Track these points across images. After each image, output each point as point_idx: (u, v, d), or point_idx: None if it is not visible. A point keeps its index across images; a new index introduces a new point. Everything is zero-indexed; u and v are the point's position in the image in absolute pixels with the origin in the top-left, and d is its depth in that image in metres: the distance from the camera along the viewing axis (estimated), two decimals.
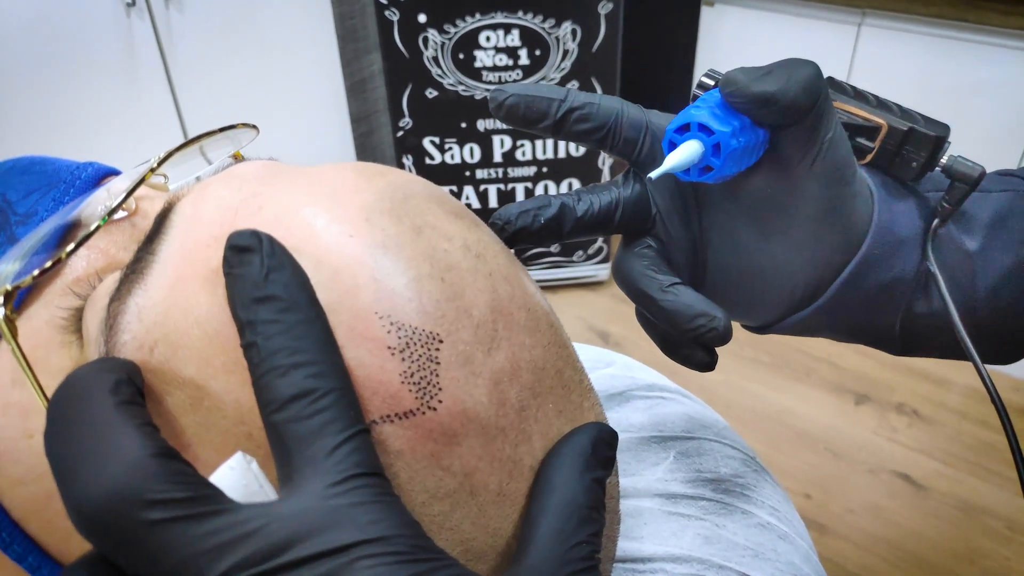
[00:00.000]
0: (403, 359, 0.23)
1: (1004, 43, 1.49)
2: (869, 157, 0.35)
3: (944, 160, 0.35)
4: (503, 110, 0.33)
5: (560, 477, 0.25)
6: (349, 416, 0.20)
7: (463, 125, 1.77)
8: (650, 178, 0.31)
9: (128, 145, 1.51)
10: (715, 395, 1.66)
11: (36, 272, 0.24)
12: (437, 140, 1.80)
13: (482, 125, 1.78)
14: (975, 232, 0.35)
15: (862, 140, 0.35)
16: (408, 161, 1.82)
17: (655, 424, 0.48)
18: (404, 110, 1.76)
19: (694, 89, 0.36)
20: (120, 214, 0.27)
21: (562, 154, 1.81)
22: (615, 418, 0.49)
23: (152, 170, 0.26)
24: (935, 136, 0.34)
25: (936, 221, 0.34)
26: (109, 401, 0.20)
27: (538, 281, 1.99)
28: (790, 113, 0.30)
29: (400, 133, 1.79)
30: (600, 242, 1.96)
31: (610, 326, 1.86)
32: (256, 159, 0.30)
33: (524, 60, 1.68)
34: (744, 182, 0.33)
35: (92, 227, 0.25)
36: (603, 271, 1.97)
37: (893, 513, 1.47)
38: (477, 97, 1.73)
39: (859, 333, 0.37)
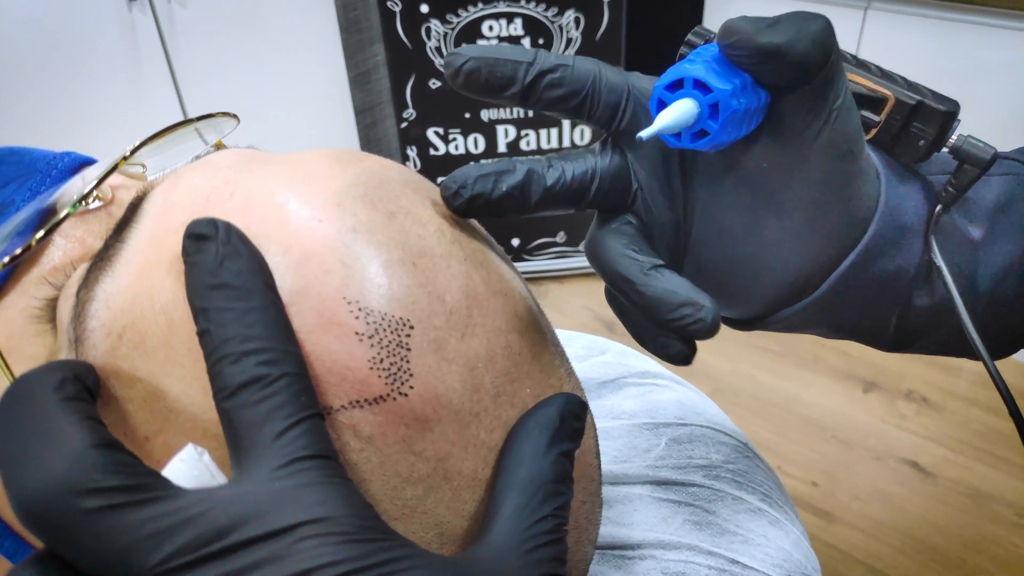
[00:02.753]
0: (371, 345, 0.23)
1: (1012, 25, 1.47)
2: (873, 132, 0.32)
3: (953, 140, 0.31)
4: (461, 76, 0.28)
5: (525, 451, 0.24)
6: (300, 402, 0.20)
7: (467, 115, 1.77)
8: (633, 147, 0.28)
9: (132, 140, 1.51)
10: (722, 383, 1.66)
11: (6, 259, 0.24)
12: (441, 131, 1.80)
13: (486, 115, 1.77)
14: (978, 219, 0.33)
15: (865, 113, 0.31)
16: (412, 152, 1.82)
17: (647, 411, 0.48)
18: (408, 101, 1.76)
19: (681, 49, 0.32)
20: (96, 203, 0.27)
21: (567, 143, 1.80)
22: (608, 405, 0.49)
23: (125, 158, 0.26)
24: (945, 111, 0.30)
25: (939, 208, 0.31)
26: (53, 398, 0.20)
27: (543, 271, 1.99)
28: (798, 71, 0.26)
29: (404, 124, 1.79)
30: None
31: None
32: (234, 148, 0.30)
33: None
34: (737, 155, 0.29)
35: (62, 215, 0.25)
36: None
37: (901, 500, 1.46)
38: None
39: (852, 329, 0.34)
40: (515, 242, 1.94)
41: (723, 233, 0.31)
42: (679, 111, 0.26)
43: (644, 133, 0.27)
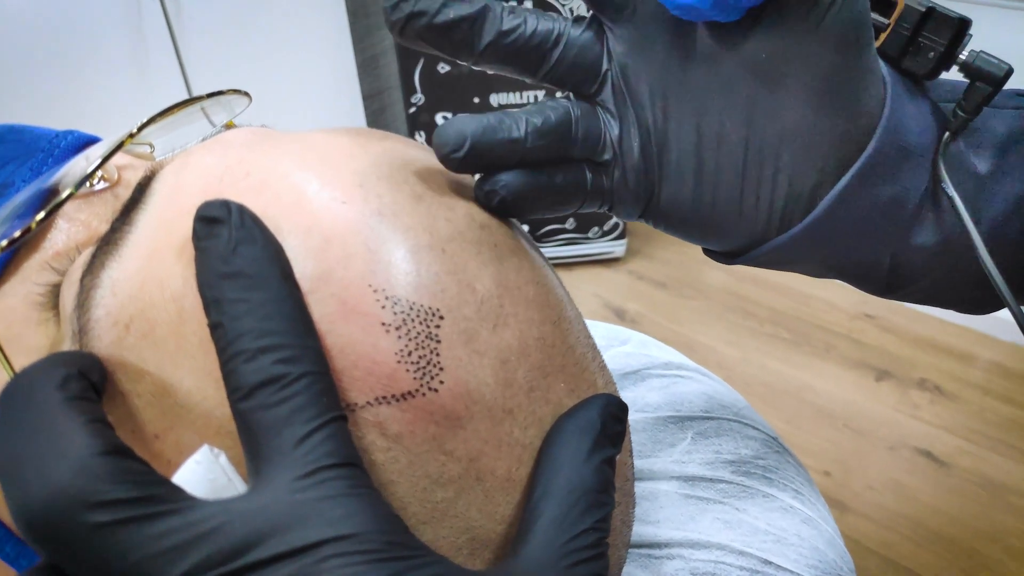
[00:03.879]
0: (399, 336, 0.21)
1: (1012, 5, 1.44)
2: (882, 37, 0.29)
3: (964, 55, 0.29)
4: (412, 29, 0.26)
5: (565, 456, 0.23)
6: (321, 403, 0.19)
7: (476, 100, 1.75)
8: (618, 20, 0.25)
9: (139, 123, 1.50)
10: (733, 372, 1.64)
11: (5, 242, 0.23)
12: (450, 116, 1.77)
13: (495, 100, 1.75)
14: (985, 152, 0.30)
15: (873, 15, 0.29)
16: (420, 138, 1.80)
17: (672, 403, 0.46)
18: (416, 86, 1.74)
19: None
20: (101, 184, 0.26)
21: None
22: (630, 397, 0.47)
23: (132, 135, 0.24)
24: (958, 19, 0.28)
25: (947, 134, 0.29)
26: (55, 397, 0.18)
27: (553, 259, 1.97)
28: None
29: (412, 109, 1.77)
30: (616, 219, 1.94)
31: (627, 303, 1.84)
32: (246, 126, 0.28)
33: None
34: (732, 43, 0.26)
35: (64, 195, 0.23)
36: (619, 247, 1.95)
37: (914, 490, 1.45)
38: (489, 72, 1.71)
39: (843, 265, 0.30)
40: (524, 229, 1.93)
41: (710, 137, 0.28)
42: None
43: None
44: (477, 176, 0.27)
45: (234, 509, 0.17)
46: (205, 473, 0.19)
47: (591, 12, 0.29)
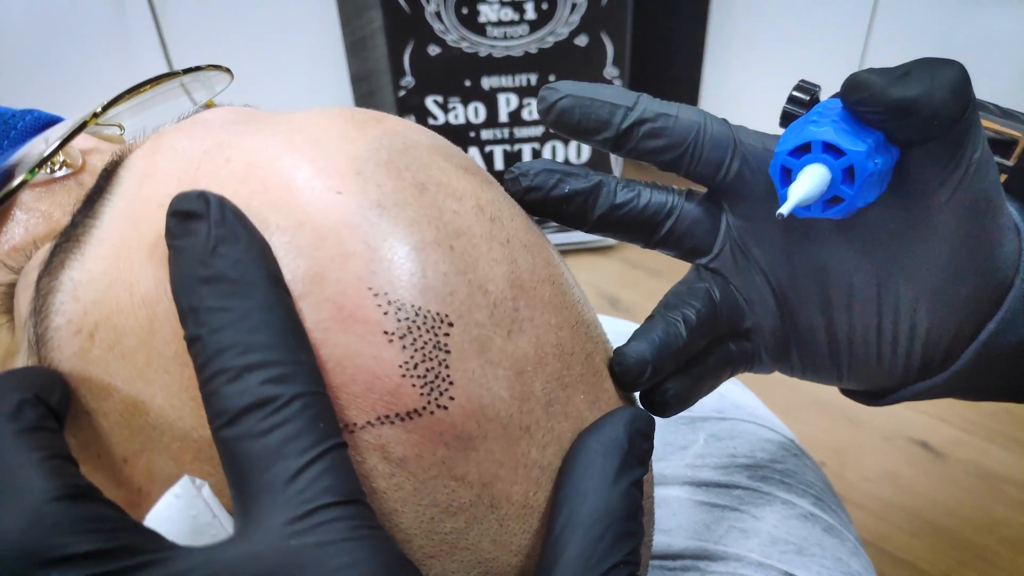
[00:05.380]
0: (404, 347, 0.19)
1: None
2: (1003, 179, 0.29)
3: None
4: (553, 114, 0.27)
5: (590, 480, 0.20)
6: (318, 430, 0.16)
7: (467, 83, 1.72)
8: (732, 201, 0.26)
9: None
10: None
11: None
12: (440, 99, 1.75)
13: (487, 83, 1.72)
14: None
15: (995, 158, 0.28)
16: (411, 121, 1.77)
17: None
18: (406, 68, 1.70)
19: (785, 105, 0.29)
20: (64, 171, 0.23)
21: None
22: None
23: (96, 115, 0.21)
24: None
25: None
26: (6, 430, 0.15)
27: None
28: (934, 125, 0.23)
29: (402, 93, 1.74)
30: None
31: (620, 291, 1.82)
32: (227, 105, 0.26)
33: (530, 15, 1.61)
34: (856, 220, 0.26)
35: (16, 182, 0.20)
36: None
37: (910, 481, 1.44)
38: (481, 54, 1.67)
39: (991, 394, 0.31)
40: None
41: (840, 298, 0.28)
42: (813, 179, 0.24)
43: (783, 210, 0.24)
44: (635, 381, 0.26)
45: (220, 560, 0.15)
46: (185, 509, 0.16)
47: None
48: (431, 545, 0.19)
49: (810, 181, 0.24)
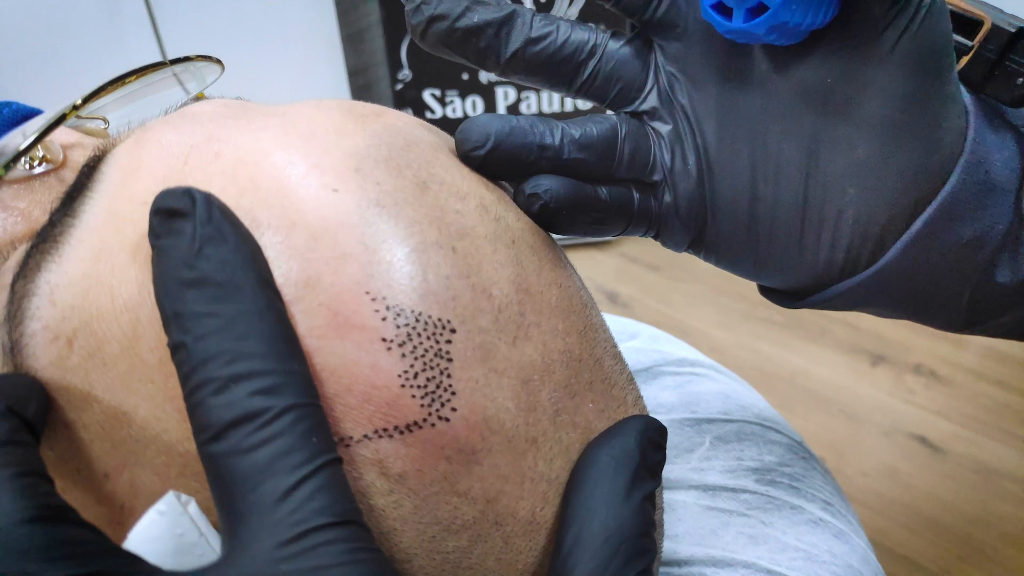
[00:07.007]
0: (403, 355, 0.17)
1: None
2: (964, 61, 0.26)
3: None
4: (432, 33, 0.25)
5: (600, 495, 0.19)
6: (311, 445, 0.15)
7: (464, 77, 1.71)
8: (666, 37, 0.23)
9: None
10: (726, 356, 1.61)
11: None
12: (438, 93, 1.73)
13: (485, 77, 1.71)
14: None
15: (955, 36, 0.26)
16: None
17: (687, 404, 0.43)
18: (403, 61, 1.69)
19: None
20: (44, 166, 0.22)
21: (568, 107, 1.74)
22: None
23: (76, 107, 0.20)
24: None
25: None
26: None
27: None
28: None
29: (399, 86, 1.73)
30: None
31: (619, 286, 1.82)
32: (218, 98, 0.24)
33: (529, 3, 1.60)
34: (795, 64, 0.24)
35: None
36: None
37: (909, 476, 1.44)
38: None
39: (916, 308, 0.28)
40: None
41: (767, 166, 0.25)
42: None
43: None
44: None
45: None
46: (170, 527, 0.15)
47: (631, 25, 0.27)
48: (433, 565, 0.18)
49: None
